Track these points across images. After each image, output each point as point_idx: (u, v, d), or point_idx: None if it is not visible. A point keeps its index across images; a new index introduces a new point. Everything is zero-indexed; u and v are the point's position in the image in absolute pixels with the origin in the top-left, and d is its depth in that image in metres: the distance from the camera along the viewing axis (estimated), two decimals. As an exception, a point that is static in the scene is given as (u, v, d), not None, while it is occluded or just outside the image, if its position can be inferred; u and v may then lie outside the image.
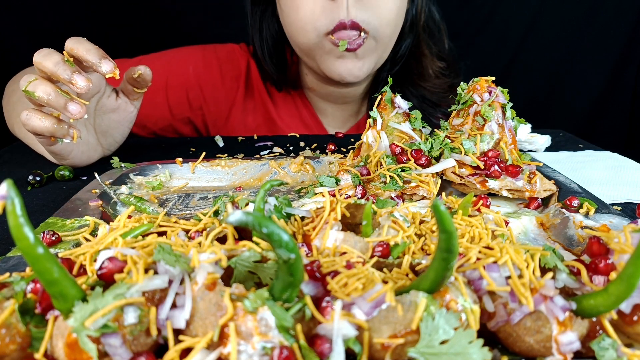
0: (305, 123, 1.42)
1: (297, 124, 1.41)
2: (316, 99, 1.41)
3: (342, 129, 1.44)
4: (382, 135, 0.80)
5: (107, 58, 0.82)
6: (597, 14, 2.05)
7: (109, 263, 0.40)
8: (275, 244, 0.35)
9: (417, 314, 0.37)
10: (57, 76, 0.79)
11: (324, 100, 1.40)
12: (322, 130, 1.42)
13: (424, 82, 1.35)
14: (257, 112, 1.41)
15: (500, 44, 2.11)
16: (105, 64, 0.81)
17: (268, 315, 0.36)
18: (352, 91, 1.36)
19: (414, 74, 1.35)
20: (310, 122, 1.42)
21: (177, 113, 1.37)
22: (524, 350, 0.40)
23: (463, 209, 0.58)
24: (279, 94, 1.41)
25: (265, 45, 1.31)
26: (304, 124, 1.42)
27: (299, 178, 0.90)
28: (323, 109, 1.42)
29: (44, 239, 0.57)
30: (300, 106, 1.42)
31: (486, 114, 0.79)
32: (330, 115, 1.43)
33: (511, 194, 0.74)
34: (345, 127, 1.45)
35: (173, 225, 0.55)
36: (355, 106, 1.43)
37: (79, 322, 0.35)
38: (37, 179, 0.87)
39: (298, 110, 1.42)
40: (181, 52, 1.39)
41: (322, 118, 1.43)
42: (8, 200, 0.33)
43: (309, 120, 1.42)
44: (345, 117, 1.44)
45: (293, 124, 1.41)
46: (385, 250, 0.48)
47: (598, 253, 0.47)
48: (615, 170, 0.94)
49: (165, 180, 0.88)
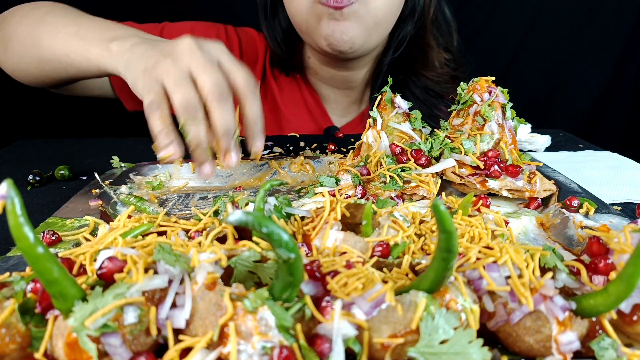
0: (310, 110, 1.42)
1: (302, 110, 1.42)
2: (320, 84, 1.42)
3: (345, 117, 1.44)
4: (382, 135, 0.80)
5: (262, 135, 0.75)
6: (597, 14, 2.05)
7: (109, 263, 0.40)
8: (275, 244, 0.35)
9: (417, 314, 0.37)
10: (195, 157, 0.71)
11: (327, 84, 1.41)
12: (326, 117, 1.42)
13: (427, 71, 1.35)
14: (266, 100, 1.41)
15: (500, 44, 2.11)
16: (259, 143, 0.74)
17: (268, 315, 0.36)
18: (353, 75, 1.36)
19: (418, 64, 1.35)
20: (314, 109, 1.42)
21: None
22: (523, 350, 0.40)
23: (463, 209, 0.58)
24: (285, 80, 1.42)
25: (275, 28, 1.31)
26: (308, 110, 1.42)
27: (299, 178, 0.90)
28: (326, 95, 1.43)
29: (44, 239, 0.57)
30: (305, 93, 1.42)
31: (486, 114, 0.79)
32: (333, 102, 1.44)
33: (511, 194, 0.74)
34: (349, 115, 1.45)
35: (173, 225, 0.55)
36: (358, 93, 1.43)
37: (79, 321, 0.35)
38: (37, 178, 0.87)
39: (303, 96, 1.42)
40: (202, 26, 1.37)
41: (326, 105, 1.44)
42: (8, 200, 0.33)
43: (313, 108, 1.42)
44: (348, 104, 1.45)
45: (297, 112, 1.41)
46: (385, 250, 0.48)
47: (598, 253, 0.47)
48: (615, 170, 0.94)
49: (165, 180, 0.88)
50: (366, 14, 1.13)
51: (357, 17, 1.12)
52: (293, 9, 1.18)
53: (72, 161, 1.01)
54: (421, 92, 1.35)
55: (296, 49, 1.36)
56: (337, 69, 1.34)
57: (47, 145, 1.18)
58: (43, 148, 1.16)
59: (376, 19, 1.16)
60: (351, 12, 1.11)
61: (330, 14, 1.11)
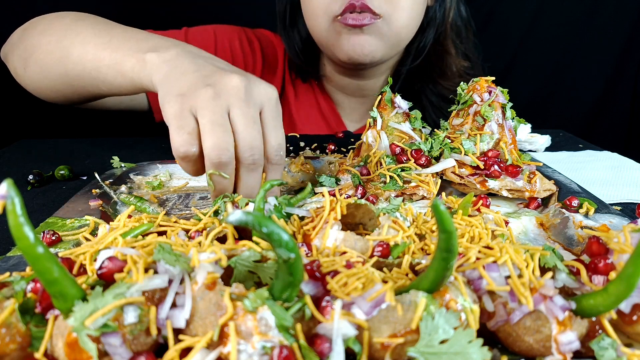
0: (324, 115, 1.41)
1: (316, 116, 1.41)
2: (335, 91, 1.41)
3: (359, 123, 1.44)
4: (382, 135, 0.80)
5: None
6: (597, 14, 2.05)
7: (109, 263, 0.41)
8: (275, 244, 0.35)
9: (417, 314, 0.37)
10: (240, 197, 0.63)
11: (343, 92, 1.40)
12: (340, 124, 1.42)
13: (445, 80, 1.33)
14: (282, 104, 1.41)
15: (500, 44, 2.11)
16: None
17: (268, 315, 0.36)
18: (369, 83, 1.35)
19: (435, 71, 1.34)
20: (329, 115, 1.41)
21: None
22: (523, 349, 0.40)
23: (463, 209, 0.58)
24: (301, 85, 1.41)
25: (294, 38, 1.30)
26: (322, 116, 1.41)
27: (299, 178, 0.90)
28: (341, 102, 1.42)
29: (44, 239, 0.57)
30: (320, 99, 1.41)
31: (486, 114, 0.79)
32: (348, 108, 1.43)
33: (511, 194, 0.74)
34: (363, 121, 1.44)
35: (173, 225, 0.55)
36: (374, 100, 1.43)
37: (79, 321, 0.35)
38: (37, 178, 0.87)
39: (317, 102, 1.41)
40: (221, 29, 1.34)
41: (341, 111, 1.43)
42: (8, 200, 0.33)
43: (327, 113, 1.41)
44: (363, 112, 1.43)
45: (312, 116, 1.40)
46: (385, 250, 0.48)
47: (597, 253, 0.47)
48: (615, 170, 0.94)
49: (165, 180, 0.88)
50: (389, 31, 1.12)
51: (379, 34, 1.11)
52: (312, 24, 1.17)
53: (72, 161, 1.01)
54: (437, 100, 1.34)
55: (315, 58, 1.35)
56: (353, 78, 1.32)
57: (47, 145, 1.18)
58: (43, 148, 1.16)
59: (399, 36, 1.15)
60: (372, 29, 1.10)
61: (349, 30, 1.10)
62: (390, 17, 1.09)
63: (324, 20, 1.11)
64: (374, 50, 1.13)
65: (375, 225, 0.56)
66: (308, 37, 1.27)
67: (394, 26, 1.11)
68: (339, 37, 1.12)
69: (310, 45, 1.30)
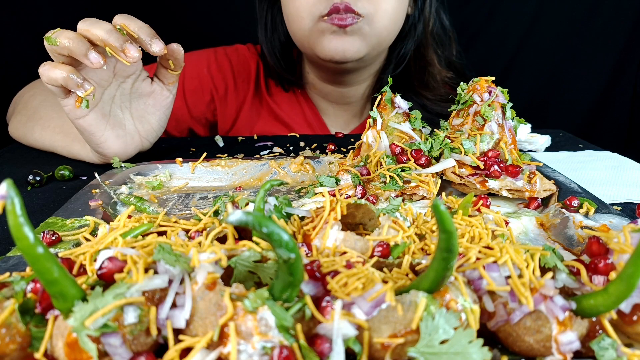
0: (309, 123, 1.42)
1: (301, 123, 1.42)
2: (319, 98, 1.41)
3: (344, 130, 1.44)
4: (382, 135, 0.80)
5: (157, 38, 0.81)
6: (597, 14, 2.05)
7: (109, 263, 0.40)
8: (275, 244, 0.35)
9: (417, 314, 0.37)
10: (109, 44, 0.77)
11: (326, 100, 1.40)
12: (325, 131, 1.42)
13: (427, 91, 1.34)
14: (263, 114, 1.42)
15: (500, 44, 2.11)
16: (156, 43, 0.80)
17: (268, 315, 0.36)
18: (352, 90, 1.35)
19: (417, 82, 1.34)
20: (313, 122, 1.42)
21: (196, 115, 1.39)
22: (523, 349, 0.40)
23: (463, 209, 0.58)
24: (283, 95, 1.42)
25: (274, 43, 1.32)
26: (307, 124, 1.42)
27: (299, 178, 0.90)
28: (325, 109, 1.43)
29: (44, 239, 0.57)
30: (305, 106, 1.42)
31: (486, 114, 0.79)
32: (332, 115, 1.43)
33: (511, 194, 0.74)
34: (348, 128, 1.45)
35: (173, 225, 0.55)
36: (357, 108, 1.43)
37: (79, 321, 0.35)
38: (37, 178, 0.87)
39: (302, 110, 1.42)
40: (194, 56, 1.40)
41: (325, 118, 1.43)
42: (8, 200, 0.33)
43: (312, 121, 1.42)
44: (347, 119, 1.44)
45: (298, 124, 1.42)
46: (385, 250, 0.48)
47: (598, 253, 0.47)
48: (615, 170, 0.94)
49: (165, 180, 0.88)
50: (370, 32, 1.13)
51: (361, 34, 1.13)
52: (295, 25, 1.18)
53: (72, 161, 1.01)
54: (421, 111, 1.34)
55: (295, 63, 1.37)
56: (335, 85, 1.33)
57: (47, 146, 1.18)
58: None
59: (380, 37, 1.17)
60: (355, 30, 1.11)
61: (334, 31, 1.11)
62: (372, 17, 1.11)
63: (307, 20, 1.12)
64: (357, 51, 1.16)
65: (375, 226, 0.56)
66: (287, 41, 1.30)
67: (375, 26, 1.13)
68: (322, 36, 1.13)
69: (290, 50, 1.33)
